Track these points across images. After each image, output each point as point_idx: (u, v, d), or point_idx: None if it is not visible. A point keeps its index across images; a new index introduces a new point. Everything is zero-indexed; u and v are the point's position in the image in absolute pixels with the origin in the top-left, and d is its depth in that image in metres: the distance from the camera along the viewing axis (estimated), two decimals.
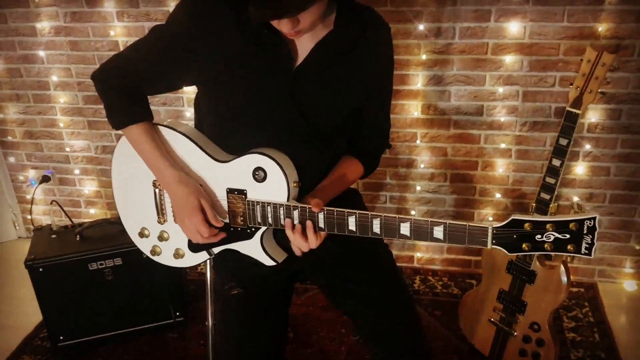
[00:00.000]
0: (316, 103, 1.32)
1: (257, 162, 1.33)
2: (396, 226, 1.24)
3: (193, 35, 1.26)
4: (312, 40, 1.26)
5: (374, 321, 1.45)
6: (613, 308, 2.46)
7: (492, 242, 1.16)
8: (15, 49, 2.69)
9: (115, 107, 1.38)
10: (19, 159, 2.97)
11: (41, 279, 2.22)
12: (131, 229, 1.57)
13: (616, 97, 2.26)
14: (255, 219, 1.36)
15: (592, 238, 1.11)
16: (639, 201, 2.43)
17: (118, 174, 1.54)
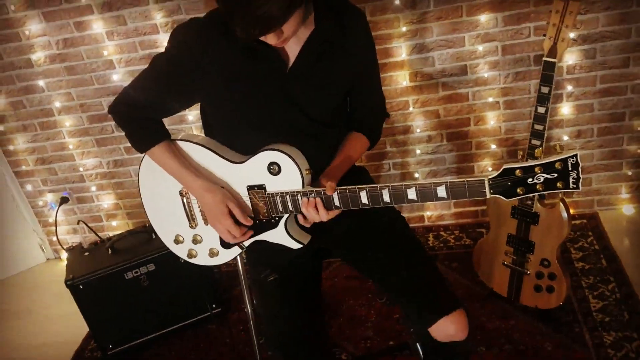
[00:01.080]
0: (312, 97, 1.46)
1: (270, 158, 1.46)
2: (403, 192, 1.38)
3: (191, 61, 1.40)
4: (298, 42, 1.39)
5: (398, 281, 1.58)
6: (615, 233, 2.62)
7: (490, 191, 1.29)
8: (15, 82, 2.80)
9: (135, 135, 1.53)
10: (35, 186, 3.10)
11: (83, 295, 2.37)
12: (166, 238, 1.71)
13: (589, 37, 2.38)
14: (277, 208, 1.51)
15: (577, 173, 1.22)
16: (624, 130, 2.57)
17: (146, 190, 1.68)
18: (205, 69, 1.40)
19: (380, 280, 1.65)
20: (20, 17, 2.62)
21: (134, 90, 1.50)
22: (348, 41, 1.45)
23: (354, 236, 1.61)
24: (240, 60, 1.38)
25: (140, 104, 1.49)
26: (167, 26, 2.57)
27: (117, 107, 1.52)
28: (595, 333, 2.15)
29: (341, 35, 1.43)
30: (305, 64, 1.41)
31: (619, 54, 2.40)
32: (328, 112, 1.51)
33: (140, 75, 1.50)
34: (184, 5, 2.51)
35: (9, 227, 3.15)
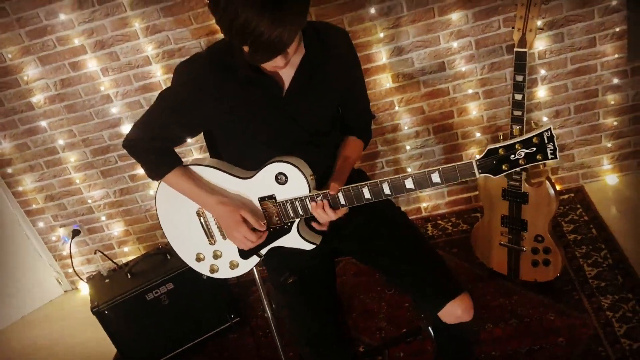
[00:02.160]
0: (308, 113, 1.61)
1: (277, 169, 1.60)
2: (402, 183, 1.52)
3: (195, 94, 1.54)
4: (292, 67, 1.53)
5: (406, 272, 1.70)
6: (602, 203, 2.77)
7: (479, 171, 1.42)
8: (17, 125, 2.92)
9: (150, 165, 1.68)
10: (47, 222, 3.22)
11: (108, 319, 2.49)
12: (187, 257, 1.84)
13: (555, 22, 2.53)
14: (289, 214, 1.65)
15: (553, 144, 1.35)
16: (599, 105, 2.72)
17: (164, 216, 1.81)
18: (209, 100, 1.54)
19: (389, 272, 1.78)
20: (17, 64, 2.75)
21: (144, 125, 1.64)
22: (335, 60, 1.60)
23: (361, 233, 1.75)
24: (240, 90, 1.53)
25: (151, 136, 1.64)
26: (159, 57, 2.70)
27: (130, 141, 1.67)
28: (593, 299, 2.30)
29: (328, 55, 1.58)
30: (300, 86, 1.56)
31: (585, 35, 2.56)
32: (324, 122, 1.66)
33: (149, 110, 1.64)
34: (173, 36, 2.65)
35: (25, 265, 3.27)
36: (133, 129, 1.67)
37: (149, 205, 3.13)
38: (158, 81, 2.76)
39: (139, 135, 1.65)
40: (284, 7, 1.24)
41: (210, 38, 2.64)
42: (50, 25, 2.65)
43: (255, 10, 1.22)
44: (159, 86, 2.78)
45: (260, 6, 1.21)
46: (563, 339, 2.17)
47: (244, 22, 1.23)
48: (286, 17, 1.25)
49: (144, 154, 1.68)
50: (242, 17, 1.23)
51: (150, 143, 1.65)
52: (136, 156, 1.70)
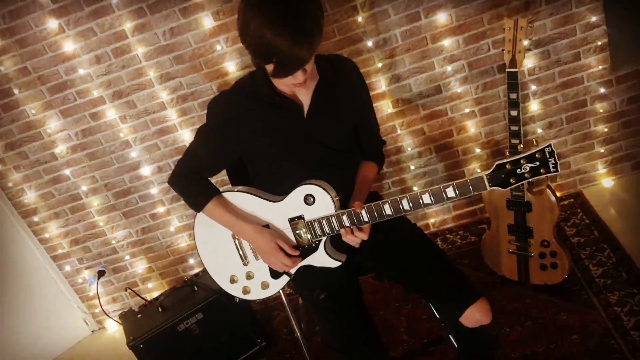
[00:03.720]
0: (329, 132, 1.80)
1: (305, 191, 1.77)
2: (419, 198, 1.67)
3: (228, 126, 1.75)
4: (308, 92, 1.75)
5: (426, 283, 1.85)
6: (601, 206, 2.92)
7: (489, 184, 1.58)
8: (42, 176, 3.08)
9: (192, 198, 1.88)
10: (72, 266, 3.36)
11: (144, 353, 2.61)
12: (222, 280, 1.99)
13: (541, 41, 2.72)
14: (317, 232, 1.80)
15: (554, 159, 1.52)
16: (588, 114, 2.89)
17: (202, 243, 1.97)
18: (241, 127, 1.74)
19: (411, 285, 1.94)
20: (40, 118, 2.92)
21: (184, 160, 1.87)
22: (346, 85, 1.81)
23: (381, 250, 1.90)
24: (266, 115, 1.73)
25: (191, 171, 1.85)
26: (173, 102, 2.88)
27: (172, 177, 1.89)
28: (601, 296, 2.43)
29: (340, 81, 1.79)
30: (318, 108, 1.76)
31: (570, 50, 2.74)
32: (343, 140, 1.85)
33: (189, 146, 1.87)
34: (185, 82, 2.83)
35: (53, 308, 3.39)
36: (177, 166, 1.89)
37: (170, 242, 3.27)
38: (174, 124, 2.94)
39: (179, 171, 1.87)
40: (303, 26, 1.47)
41: (220, 81, 2.82)
42: (70, 80, 2.83)
43: (279, 30, 1.45)
44: (175, 129, 2.95)
45: (284, 27, 1.45)
46: (577, 336, 2.30)
47: (270, 42, 1.46)
48: (305, 34, 1.48)
49: (184, 188, 1.89)
50: (268, 37, 1.46)
51: (188, 177, 1.86)
52: (178, 191, 1.91)
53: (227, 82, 2.82)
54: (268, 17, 1.45)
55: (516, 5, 2.64)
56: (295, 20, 1.46)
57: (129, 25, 2.70)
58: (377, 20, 2.69)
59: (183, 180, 1.88)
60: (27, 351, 3.27)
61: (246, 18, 1.49)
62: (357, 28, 2.71)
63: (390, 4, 2.65)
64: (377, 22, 2.70)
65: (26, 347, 3.26)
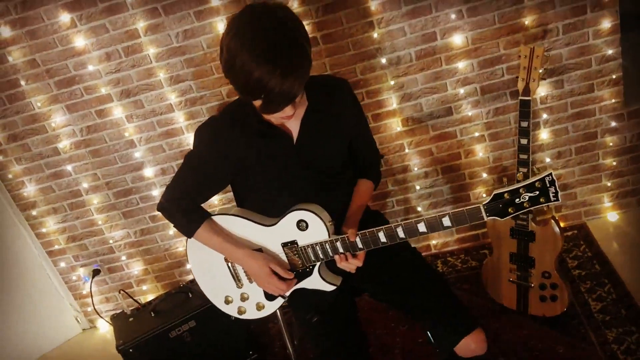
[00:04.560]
0: (320, 157, 1.76)
1: (298, 217, 1.74)
2: (415, 227, 1.64)
3: (216, 153, 1.71)
4: (297, 118, 1.70)
5: (423, 310, 1.82)
6: (604, 239, 2.89)
7: (487, 214, 1.55)
8: (44, 170, 3.05)
9: (183, 224, 1.84)
10: (68, 262, 3.32)
11: (133, 357, 2.56)
12: (217, 300, 1.96)
13: (555, 70, 2.70)
14: (310, 258, 1.77)
15: (555, 188, 1.48)
16: (598, 147, 2.87)
17: (195, 265, 1.95)
18: (229, 156, 1.70)
19: (407, 309, 1.90)
20: (45, 112, 2.90)
21: (173, 187, 1.82)
22: (337, 108, 1.76)
23: (378, 273, 1.87)
24: (255, 144, 1.69)
25: (181, 197, 1.80)
26: (181, 104, 2.85)
27: (162, 204, 1.85)
28: (599, 332, 2.40)
29: (330, 104, 1.74)
30: (308, 134, 1.72)
31: (584, 81, 2.72)
32: (335, 164, 1.81)
33: (177, 173, 1.82)
34: (195, 85, 2.80)
35: (45, 304, 3.35)
36: (164, 192, 1.84)
37: (168, 245, 3.24)
38: (180, 127, 2.91)
39: (169, 197, 1.82)
40: (292, 61, 1.41)
41: (230, 87, 2.79)
42: (78, 76, 2.81)
43: (268, 67, 1.38)
44: (181, 132, 2.92)
45: (273, 63, 1.38)
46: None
47: (258, 78, 1.40)
48: (295, 69, 1.42)
49: (174, 214, 1.84)
50: (256, 74, 1.39)
51: (179, 202, 1.81)
52: (168, 217, 1.86)
53: None
54: (255, 51, 1.38)
55: (533, 32, 2.62)
56: (284, 55, 1.39)
57: (142, 24, 2.68)
58: (392, 37, 2.67)
59: (173, 206, 1.83)
60: (15, 346, 3.24)
61: (231, 52, 1.42)
62: (372, 44, 2.69)
63: (407, 22, 2.63)
64: (393, 40, 2.68)
65: (14, 341, 3.23)
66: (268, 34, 1.40)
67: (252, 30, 1.41)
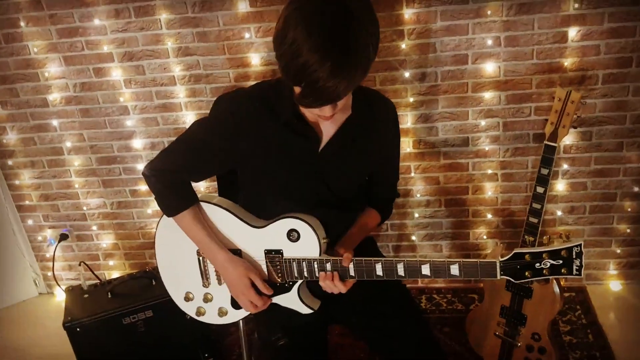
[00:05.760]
0: (339, 175, 1.55)
1: (290, 225, 1.53)
2: (418, 268, 1.45)
3: (233, 130, 1.48)
4: (333, 125, 1.50)
5: (398, 353, 1.64)
6: (602, 308, 2.70)
7: (501, 273, 1.38)
8: (28, 119, 2.86)
9: (167, 200, 1.59)
10: (36, 221, 3.13)
11: (79, 337, 2.37)
12: (176, 294, 1.76)
13: (586, 120, 2.51)
14: (293, 274, 1.57)
15: (580, 261, 1.33)
16: (614, 210, 2.68)
17: (162, 247, 1.73)
18: (247, 137, 1.48)
19: (383, 351, 1.70)
20: (41, 59, 2.71)
21: (171, 155, 1.57)
22: (379, 130, 1.58)
23: (361, 306, 1.67)
24: (278, 134, 1.48)
25: (176, 169, 1.56)
26: (185, 79, 2.66)
27: (152, 171, 1.58)
28: None
29: (373, 123, 1.55)
30: (338, 145, 1.51)
31: (614, 138, 2.53)
32: (353, 188, 1.62)
33: (178, 140, 1.56)
34: (203, 62, 2.61)
35: (6, 260, 3.16)
36: (158, 158, 1.59)
37: (144, 223, 3.04)
38: (179, 103, 2.72)
39: (162, 165, 1.58)
40: (348, 60, 1.20)
41: (240, 71, 2.61)
42: (82, 28, 2.62)
43: (319, 55, 1.17)
44: (179, 107, 2.73)
45: (325, 53, 1.17)
46: None
47: (304, 63, 1.19)
48: (347, 69, 1.21)
49: (164, 187, 1.59)
50: (304, 57, 1.18)
51: (174, 175, 1.57)
52: (152, 187, 1.61)
53: (246, 75, 2.61)
54: (312, 35, 1.16)
55: (571, 76, 2.43)
56: (342, 49, 1.18)
57: None
58: (421, 51, 2.48)
59: (161, 177, 1.58)
60: None
61: (287, 24, 1.20)
62: (398, 54, 2.50)
63: (440, 39, 2.44)
64: (421, 54, 2.49)
65: None
66: (334, 20, 1.18)
67: (317, 10, 1.19)
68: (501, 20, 2.38)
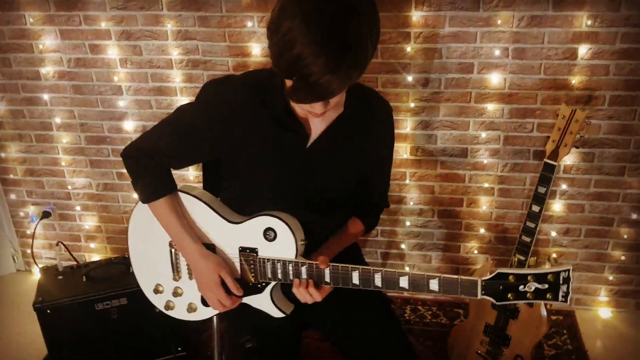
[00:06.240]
0: (324, 177, 1.48)
1: (267, 223, 1.46)
2: (396, 279, 1.38)
3: (219, 118, 1.41)
4: (324, 122, 1.42)
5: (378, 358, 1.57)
6: (589, 335, 2.62)
7: (482, 292, 1.31)
8: (19, 91, 2.79)
9: (144, 185, 1.51)
10: (19, 196, 3.05)
11: (49, 319, 2.29)
12: (146, 285, 1.69)
13: (589, 141, 2.44)
14: (266, 274, 1.50)
15: (567, 287, 1.26)
16: (611, 235, 2.61)
17: (135, 235, 1.66)
18: (233, 126, 1.41)
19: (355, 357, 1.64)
20: (37, 30, 2.63)
21: (152, 138, 1.50)
22: (374, 130, 1.50)
23: (338, 313, 1.60)
24: (266, 126, 1.41)
25: (157, 153, 1.49)
26: (182, 64, 2.59)
27: (132, 152, 1.51)
28: None
29: (367, 123, 1.48)
30: (327, 143, 1.44)
31: (616, 162, 2.46)
32: (340, 191, 1.54)
33: (162, 123, 1.49)
34: (202, 47, 2.54)
35: None
36: (141, 139, 1.52)
37: (129, 208, 2.97)
38: (174, 87, 2.64)
39: (140, 146, 1.50)
40: (345, 57, 1.12)
41: (239, 60, 2.53)
42: (81, 2, 2.54)
43: (314, 48, 1.09)
44: (174, 92, 2.66)
45: (321, 46, 1.09)
46: None
47: (298, 56, 1.11)
48: (343, 67, 1.13)
49: (143, 171, 1.51)
50: (298, 49, 1.10)
51: (154, 159, 1.50)
52: (133, 171, 1.53)
53: (245, 64, 2.54)
54: (309, 26, 1.09)
55: (577, 95, 2.36)
56: (339, 45, 1.10)
57: None
58: (426, 56, 2.41)
59: (141, 159, 1.50)
60: None
61: (283, 12, 1.12)
62: (403, 57, 2.43)
63: (447, 45, 2.37)
64: (426, 59, 2.41)
65: None
66: (333, 14, 1.10)
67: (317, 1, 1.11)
68: (511, 31, 2.31)
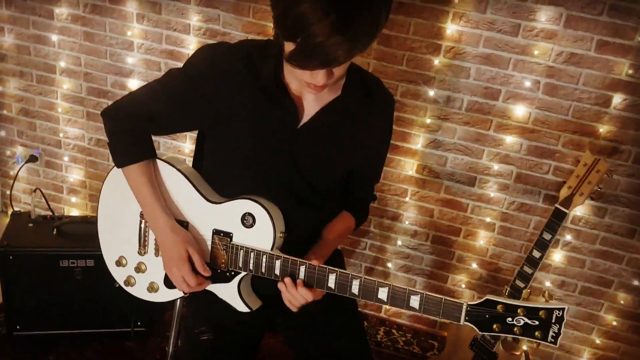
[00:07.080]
0: (313, 162, 1.37)
1: (247, 208, 1.35)
2: (374, 290, 1.27)
3: (210, 82, 1.31)
4: (318, 102, 1.32)
5: None
6: None
7: (465, 318, 1.20)
8: (29, 27, 2.67)
9: (121, 148, 1.42)
10: (9, 134, 2.94)
11: (10, 266, 2.19)
12: (109, 256, 1.58)
13: (604, 196, 2.31)
14: (237, 263, 1.38)
15: (559, 328, 1.16)
16: (606, 297, 2.47)
17: (106, 201, 1.55)
18: (220, 95, 1.31)
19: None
20: None
21: (136, 100, 1.40)
22: (372, 120, 1.39)
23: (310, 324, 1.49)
24: (256, 99, 1.30)
25: (141, 115, 1.39)
26: (200, 31, 2.47)
27: (112, 111, 1.42)
28: None
29: (367, 111, 1.37)
30: (317, 127, 1.33)
31: (628, 223, 2.33)
32: (328, 183, 1.42)
33: (149, 85, 1.39)
34: (224, 18, 2.42)
35: None
36: (123, 100, 1.42)
37: None
38: (187, 54, 2.52)
39: (122, 106, 1.40)
40: (355, 18, 1.01)
41: (258, 39, 2.41)
42: None
43: (320, 6, 0.99)
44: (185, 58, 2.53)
45: (328, 6, 0.99)
46: None
47: (304, 13, 1.00)
48: (352, 29, 1.02)
49: (122, 133, 1.41)
50: (305, 6, 1.00)
51: (136, 122, 1.39)
52: (111, 133, 1.43)
53: None
54: None
55: (602, 145, 2.23)
56: (351, 6, 1.00)
57: None
58: (453, 73, 2.28)
59: (122, 121, 1.40)
60: None
61: None
62: (429, 70, 2.30)
63: (477, 65, 2.25)
64: (452, 76, 2.29)
65: None
66: None
67: None
68: (547, 64, 2.18)
